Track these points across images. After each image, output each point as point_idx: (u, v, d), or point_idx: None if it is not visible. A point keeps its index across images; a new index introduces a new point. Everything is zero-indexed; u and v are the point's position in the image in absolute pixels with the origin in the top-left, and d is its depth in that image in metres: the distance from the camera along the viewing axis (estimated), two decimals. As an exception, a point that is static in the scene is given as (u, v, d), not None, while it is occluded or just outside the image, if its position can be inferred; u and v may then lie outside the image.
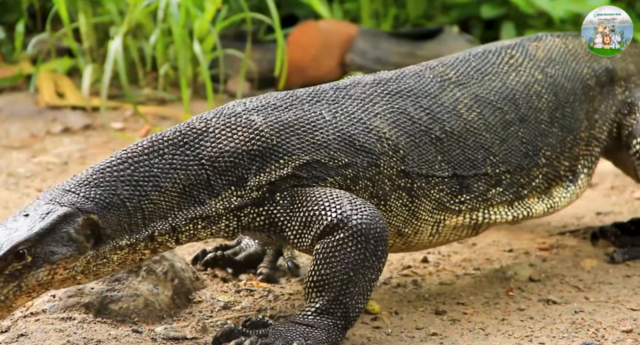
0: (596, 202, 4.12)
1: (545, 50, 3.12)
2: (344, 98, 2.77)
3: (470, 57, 2.98)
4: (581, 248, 3.56)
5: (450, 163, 2.81)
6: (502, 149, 2.88)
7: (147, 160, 2.58)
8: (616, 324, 2.84)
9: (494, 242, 3.60)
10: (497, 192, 2.89)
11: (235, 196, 2.62)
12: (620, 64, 3.29)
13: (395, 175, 2.75)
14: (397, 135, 2.76)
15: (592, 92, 3.14)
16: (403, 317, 2.87)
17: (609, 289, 3.14)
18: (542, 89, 3.00)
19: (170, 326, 2.75)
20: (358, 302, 2.59)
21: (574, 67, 3.13)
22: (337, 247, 2.55)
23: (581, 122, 3.07)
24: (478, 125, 2.85)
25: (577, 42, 3.24)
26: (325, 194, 2.60)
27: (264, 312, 2.88)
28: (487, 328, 2.81)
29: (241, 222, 2.64)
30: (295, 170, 2.64)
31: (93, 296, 2.80)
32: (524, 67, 3.02)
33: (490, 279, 3.21)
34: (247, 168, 2.62)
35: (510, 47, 3.07)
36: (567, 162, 3.06)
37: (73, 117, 5.14)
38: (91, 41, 5.42)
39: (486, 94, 2.90)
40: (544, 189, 3.01)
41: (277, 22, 5.19)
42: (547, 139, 2.97)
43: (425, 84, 2.86)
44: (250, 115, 2.67)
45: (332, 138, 2.69)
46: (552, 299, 3.03)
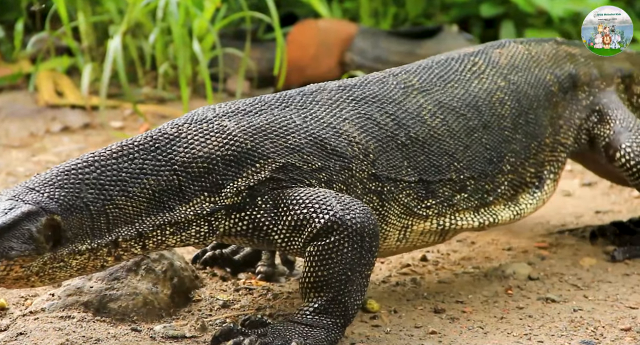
0: (595, 201, 4.13)
1: (508, 57, 3.13)
2: (312, 103, 2.78)
3: (433, 64, 3.00)
4: (580, 247, 3.56)
5: (416, 168, 2.83)
6: (466, 155, 2.89)
7: (115, 165, 2.54)
8: (615, 322, 2.84)
9: (492, 241, 3.61)
10: (462, 197, 2.90)
11: (208, 202, 2.59)
12: (583, 69, 3.29)
13: (366, 178, 2.76)
14: (366, 139, 2.77)
15: (556, 98, 3.16)
16: (402, 316, 2.87)
17: (607, 288, 3.14)
18: (504, 96, 3.01)
19: (169, 325, 2.75)
20: (356, 299, 2.60)
21: (537, 73, 3.14)
22: (334, 249, 2.55)
23: (545, 128, 3.09)
24: (442, 131, 2.86)
25: (540, 48, 3.24)
26: (311, 195, 2.59)
27: (263, 311, 2.88)
28: (486, 326, 2.81)
29: (214, 228, 2.60)
30: (272, 173, 2.63)
31: (92, 295, 2.81)
32: (487, 74, 3.03)
33: (489, 278, 3.22)
34: (221, 174, 2.60)
35: (473, 55, 3.08)
36: (533, 169, 3.07)
37: (72, 116, 5.14)
38: (90, 40, 5.42)
39: (449, 100, 2.92)
40: (510, 196, 3.02)
41: (276, 21, 5.19)
42: (511, 145, 2.99)
43: (389, 90, 2.87)
44: (222, 121, 2.66)
45: (304, 142, 2.69)
46: (551, 297, 3.03)
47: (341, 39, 5.89)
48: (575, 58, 3.30)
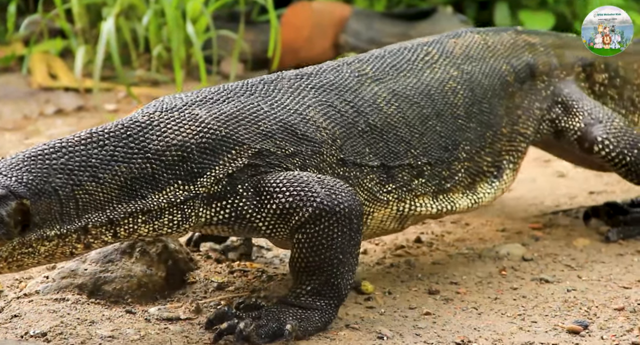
0: (589, 182, 4.13)
1: (463, 47, 3.13)
2: (274, 91, 2.78)
3: (385, 54, 3.01)
4: (574, 227, 3.56)
5: (377, 154, 2.84)
6: (421, 143, 2.91)
7: (84, 151, 2.51)
8: (608, 302, 2.85)
9: (487, 222, 3.61)
10: (420, 182, 2.91)
11: (182, 190, 2.57)
12: (542, 58, 3.29)
13: (335, 163, 2.76)
14: (332, 126, 2.78)
15: (512, 88, 3.16)
16: (396, 297, 2.88)
17: (601, 268, 3.15)
18: (457, 85, 3.02)
19: (164, 307, 2.76)
20: (348, 279, 2.61)
21: (492, 63, 3.14)
22: (324, 235, 2.55)
23: (501, 118, 3.09)
24: (397, 119, 2.88)
25: (498, 38, 3.24)
26: (294, 181, 2.58)
27: (258, 293, 2.89)
28: (480, 307, 2.82)
29: (187, 216, 2.58)
30: (250, 159, 2.62)
31: (86, 277, 2.81)
32: (439, 64, 3.04)
33: (483, 259, 3.22)
34: (197, 162, 2.58)
35: (427, 44, 3.09)
36: (490, 158, 3.08)
37: (66, 99, 5.13)
38: (83, 22, 5.41)
39: (402, 89, 2.93)
40: (467, 184, 3.03)
41: (270, 2, 5.17)
42: (465, 133, 3.00)
43: (344, 78, 2.88)
44: (192, 109, 2.65)
45: (275, 128, 2.68)
46: (544, 278, 3.04)
47: (335, 21, 5.87)
48: (534, 47, 3.30)
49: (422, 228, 3.52)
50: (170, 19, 5.08)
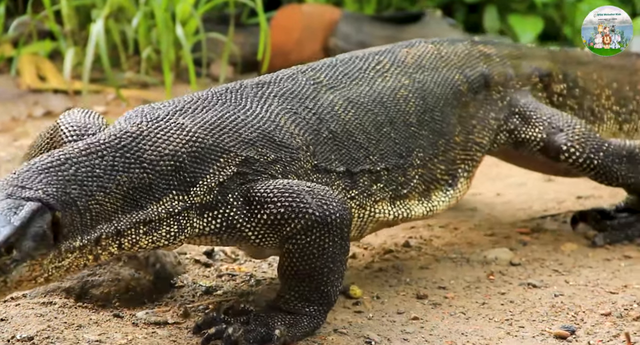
0: (577, 186, 4.14)
1: (415, 56, 3.15)
2: (243, 100, 2.77)
3: (337, 63, 3.02)
4: (561, 232, 3.58)
5: (342, 160, 2.85)
6: (378, 149, 2.92)
7: (87, 161, 2.48)
8: (595, 307, 2.86)
9: (475, 227, 3.62)
10: (378, 188, 2.92)
11: (177, 201, 2.56)
12: (497, 69, 3.30)
13: (310, 170, 2.77)
14: (302, 132, 2.78)
15: (465, 97, 3.17)
16: (384, 302, 2.88)
17: (588, 273, 3.16)
18: (408, 93, 3.04)
19: (152, 311, 2.76)
20: (337, 285, 2.62)
21: (445, 73, 3.16)
22: (315, 244, 2.56)
23: (454, 127, 3.11)
24: (355, 126, 2.89)
25: (452, 48, 3.25)
26: (284, 191, 2.58)
27: (246, 297, 2.89)
28: (468, 312, 2.83)
29: (182, 227, 2.57)
30: (238, 167, 2.62)
31: (74, 281, 2.80)
32: (391, 73, 3.06)
33: (471, 263, 3.23)
34: (189, 171, 2.57)
35: (378, 53, 3.11)
36: (443, 165, 3.09)
37: (55, 101, 5.12)
38: (73, 24, 5.39)
39: (356, 97, 2.94)
40: (422, 191, 3.04)
41: (260, 5, 5.18)
42: (418, 141, 3.02)
43: (301, 87, 2.89)
44: (176, 118, 2.63)
45: (255, 136, 2.68)
46: (532, 282, 3.05)
47: (325, 24, 5.88)
48: (489, 58, 3.31)
49: (410, 232, 3.53)
50: (159, 21, 5.08)
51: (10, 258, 2.29)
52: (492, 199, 4.04)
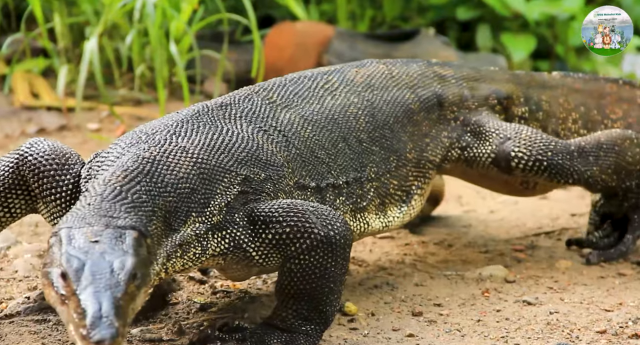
0: (571, 204, 4.15)
1: (365, 75, 3.17)
2: (218, 120, 2.77)
3: (286, 82, 3.04)
4: (556, 249, 3.58)
5: (311, 176, 2.86)
6: (337, 164, 2.95)
7: (132, 188, 2.46)
8: (590, 325, 2.86)
9: (469, 244, 3.62)
10: (341, 201, 2.94)
11: (198, 222, 2.56)
12: (452, 90, 3.31)
13: (293, 186, 2.79)
14: (278, 150, 2.79)
15: (416, 116, 3.19)
16: (380, 318, 2.88)
17: (583, 290, 3.16)
18: (358, 111, 3.06)
19: (146, 328, 2.74)
20: (335, 306, 2.63)
21: (395, 92, 3.18)
22: (317, 265, 2.56)
23: (405, 144, 3.13)
24: (314, 142, 2.91)
25: (404, 69, 3.27)
26: (288, 211, 2.58)
27: (241, 314, 2.88)
28: (463, 329, 2.82)
29: (204, 248, 2.57)
30: (240, 186, 2.63)
31: (68, 298, 2.78)
32: (340, 91, 3.08)
33: (466, 281, 3.23)
34: (202, 192, 2.57)
35: (327, 73, 3.13)
36: (396, 181, 3.11)
37: (48, 118, 5.11)
38: (66, 41, 5.39)
39: (309, 115, 2.96)
40: (378, 204, 3.06)
41: (253, 22, 5.19)
42: (371, 156, 3.04)
43: (260, 106, 2.90)
44: (175, 141, 2.63)
45: (244, 155, 2.69)
46: (527, 300, 3.05)
47: (318, 41, 5.89)
48: (444, 79, 3.33)
49: (405, 249, 3.53)
50: (153, 39, 5.08)
51: (135, 285, 2.25)
52: (486, 216, 4.04)
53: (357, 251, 3.50)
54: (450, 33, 6.75)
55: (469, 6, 6.63)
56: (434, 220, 3.90)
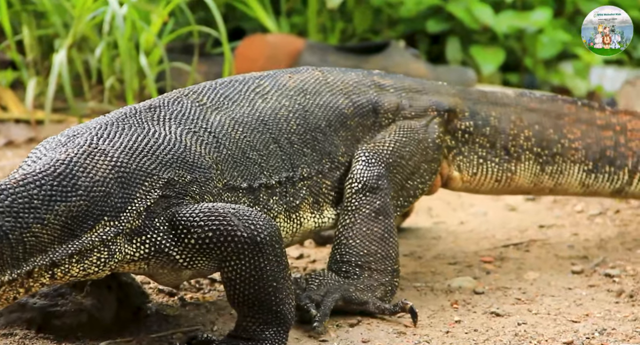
0: (539, 215, 4.18)
1: (298, 81, 3.19)
2: (145, 122, 2.78)
3: (217, 86, 3.05)
4: (524, 261, 3.60)
5: (243, 177, 2.88)
6: (269, 165, 2.97)
7: (25, 192, 2.46)
8: (557, 336, 2.88)
9: (438, 255, 3.64)
10: (274, 201, 2.96)
11: (109, 226, 2.56)
12: (389, 98, 3.32)
13: (222, 189, 2.80)
14: (207, 151, 2.81)
15: (350, 121, 3.20)
16: (349, 331, 2.88)
17: (551, 301, 3.18)
18: (289, 114, 3.08)
19: (115, 341, 2.73)
20: (289, 302, 2.63)
21: (328, 97, 3.19)
22: (251, 267, 2.57)
23: (337, 147, 3.15)
24: (245, 143, 2.93)
25: (341, 76, 3.29)
26: (209, 215, 2.59)
27: (211, 326, 2.87)
28: (432, 341, 2.83)
29: (112, 253, 2.57)
30: (161, 190, 2.63)
31: (35, 311, 2.77)
32: (271, 95, 3.09)
33: (435, 292, 3.24)
34: (118, 196, 2.57)
35: (259, 78, 3.15)
36: (329, 182, 3.12)
37: (17, 130, 5.08)
38: (35, 54, 5.37)
39: (240, 117, 2.97)
40: (312, 203, 3.08)
41: (224, 35, 5.19)
42: (302, 157, 3.06)
43: (189, 109, 2.90)
44: (97, 143, 2.63)
45: (170, 157, 2.70)
46: (495, 311, 3.07)
47: (289, 54, 5.90)
48: (382, 88, 3.34)
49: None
50: (123, 51, 5.07)
51: None
52: (455, 227, 4.06)
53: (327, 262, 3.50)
54: (420, 46, 6.79)
55: (439, 19, 6.68)
56: (404, 232, 3.91)
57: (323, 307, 2.88)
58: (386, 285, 3.05)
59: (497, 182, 3.50)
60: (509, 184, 3.52)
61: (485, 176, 3.48)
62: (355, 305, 2.96)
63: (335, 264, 3.07)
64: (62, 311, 2.77)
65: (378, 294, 3.01)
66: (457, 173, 3.45)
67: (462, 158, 3.45)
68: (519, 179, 3.52)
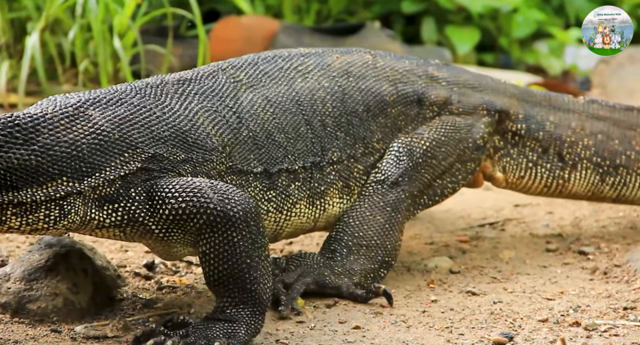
0: (515, 195, 4.19)
1: (345, 62, 3.16)
2: (162, 95, 2.79)
3: (258, 61, 3.04)
4: (500, 240, 3.62)
5: (260, 160, 2.89)
6: (296, 149, 2.96)
7: None
8: (532, 314, 2.90)
9: (415, 236, 3.65)
10: (296, 186, 2.96)
11: (64, 186, 2.57)
12: (437, 91, 3.26)
13: (224, 171, 2.80)
14: (220, 132, 2.81)
15: (391, 109, 3.17)
16: (326, 311, 2.88)
17: (526, 280, 3.21)
18: (326, 96, 3.06)
19: (91, 325, 2.72)
20: (265, 283, 2.63)
21: (372, 82, 3.16)
22: (224, 241, 2.58)
23: (373, 133, 3.12)
24: (273, 125, 2.93)
25: (392, 62, 3.23)
26: (186, 186, 2.60)
27: (187, 309, 2.87)
28: (409, 320, 2.85)
29: (65, 213, 2.57)
30: (143, 163, 2.65)
31: (10, 296, 2.76)
32: (312, 74, 3.08)
33: (412, 272, 3.25)
34: (86, 162, 2.59)
35: (305, 55, 3.13)
36: (362, 166, 3.11)
37: (-10, 114, 5.04)
38: (7, 37, 5.32)
39: (274, 96, 2.97)
40: (340, 187, 3.07)
41: (198, 17, 5.16)
42: (335, 141, 3.05)
43: (222, 85, 2.91)
44: (86, 109, 2.65)
45: (168, 134, 2.71)
46: (471, 290, 3.08)
47: (264, 36, 5.88)
48: (434, 79, 3.28)
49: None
50: (96, 34, 5.03)
51: None
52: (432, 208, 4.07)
53: (304, 245, 3.51)
54: (395, 26, 6.79)
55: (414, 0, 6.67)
56: (380, 213, 3.91)
57: (291, 291, 2.88)
58: (369, 272, 3.02)
59: (547, 187, 3.44)
60: (560, 191, 3.46)
61: (533, 181, 3.43)
62: (328, 289, 2.96)
63: (327, 242, 3.06)
64: (37, 295, 2.76)
65: (356, 279, 2.99)
66: (501, 174, 3.40)
67: (509, 160, 3.39)
68: (573, 187, 3.45)
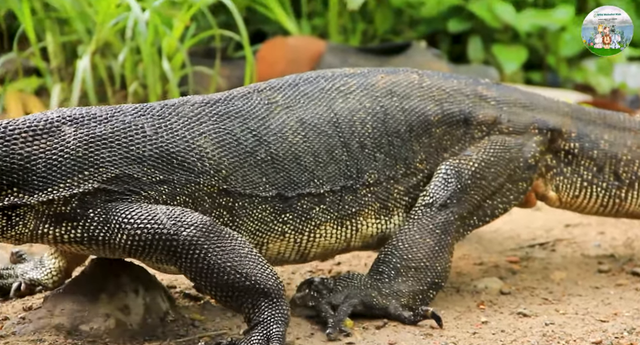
0: (565, 215, 4.16)
1: (389, 82, 3.12)
2: (170, 115, 2.80)
3: (299, 81, 3.02)
4: (550, 260, 3.59)
5: (275, 184, 2.86)
6: (326, 172, 2.94)
7: None
8: (586, 336, 2.87)
9: (464, 256, 3.63)
10: (321, 209, 2.94)
11: (12, 196, 2.61)
12: (486, 110, 3.21)
13: (216, 193, 2.79)
14: (221, 155, 2.80)
15: (436, 129, 3.12)
16: (375, 333, 2.88)
17: (578, 301, 3.17)
18: (367, 116, 3.02)
19: (142, 346, 2.74)
20: (262, 271, 2.62)
21: (416, 102, 3.12)
22: (195, 261, 2.59)
23: (416, 153, 3.08)
24: (302, 148, 2.91)
25: (439, 82, 3.19)
26: (141, 215, 2.61)
27: (237, 330, 2.88)
28: (459, 342, 2.83)
29: (13, 224, 2.62)
30: (102, 184, 2.65)
31: (63, 317, 2.79)
32: (355, 94, 3.05)
33: (461, 293, 3.23)
34: (40, 176, 2.62)
35: (349, 75, 3.10)
36: (402, 187, 3.07)
37: (42, 137, 5.11)
38: (59, 60, 5.40)
39: (310, 117, 2.95)
40: (377, 209, 3.04)
41: (245, 38, 5.20)
42: (373, 162, 3.01)
43: (253, 106, 2.90)
44: (62, 124, 2.68)
45: (149, 153, 2.72)
46: (522, 311, 3.05)
47: (310, 56, 5.91)
48: (482, 99, 3.23)
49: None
50: (146, 56, 5.09)
51: None
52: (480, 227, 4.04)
53: (352, 265, 3.51)
54: (441, 45, 6.78)
55: (460, 19, 6.66)
56: (428, 233, 3.90)
57: (338, 313, 2.87)
58: (417, 294, 2.99)
59: (603, 207, 3.39)
60: (617, 210, 3.40)
61: (589, 200, 3.37)
62: (375, 311, 2.94)
63: (375, 264, 3.03)
64: (90, 317, 2.79)
65: (404, 300, 2.97)
66: (554, 193, 3.34)
67: (563, 179, 3.33)
68: (631, 207, 3.39)
